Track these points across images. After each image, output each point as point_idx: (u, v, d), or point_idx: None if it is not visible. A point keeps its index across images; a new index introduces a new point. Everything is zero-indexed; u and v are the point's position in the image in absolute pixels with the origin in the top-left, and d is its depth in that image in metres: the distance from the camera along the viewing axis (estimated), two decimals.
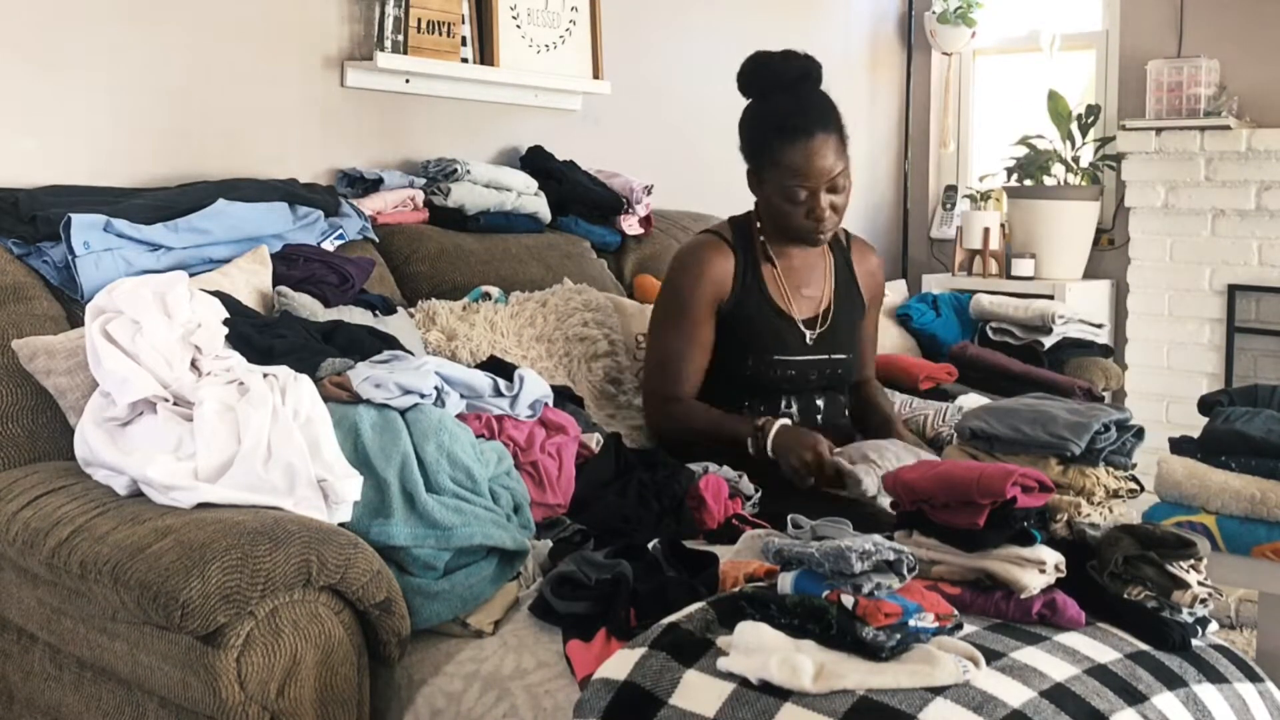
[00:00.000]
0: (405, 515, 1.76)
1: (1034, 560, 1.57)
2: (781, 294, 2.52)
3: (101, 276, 2.21)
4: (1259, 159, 4.11)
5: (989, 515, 1.58)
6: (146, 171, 2.68)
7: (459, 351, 2.56)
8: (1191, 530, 2.06)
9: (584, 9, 3.56)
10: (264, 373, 1.87)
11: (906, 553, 1.45)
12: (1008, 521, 1.58)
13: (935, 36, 4.73)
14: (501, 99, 3.38)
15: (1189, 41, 4.32)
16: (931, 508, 1.64)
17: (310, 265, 2.50)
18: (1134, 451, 1.93)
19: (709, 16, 4.04)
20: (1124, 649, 1.55)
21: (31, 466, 1.99)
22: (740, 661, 1.39)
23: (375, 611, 1.68)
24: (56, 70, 2.55)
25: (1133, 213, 4.40)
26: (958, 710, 1.33)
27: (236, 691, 1.58)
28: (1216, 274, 4.27)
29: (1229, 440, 2.26)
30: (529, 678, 1.62)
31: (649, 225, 3.51)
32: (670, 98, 3.93)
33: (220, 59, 2.81)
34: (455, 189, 3.03)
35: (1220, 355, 4.29)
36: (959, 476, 1.60)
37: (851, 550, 1.41)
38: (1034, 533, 1.60)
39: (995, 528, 1.58)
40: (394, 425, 1.85)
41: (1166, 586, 1.62)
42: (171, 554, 1.57)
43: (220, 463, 1.75)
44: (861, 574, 1.41)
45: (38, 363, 2.07)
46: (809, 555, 1.45)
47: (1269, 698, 1.61)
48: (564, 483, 2.07)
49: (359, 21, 3.06)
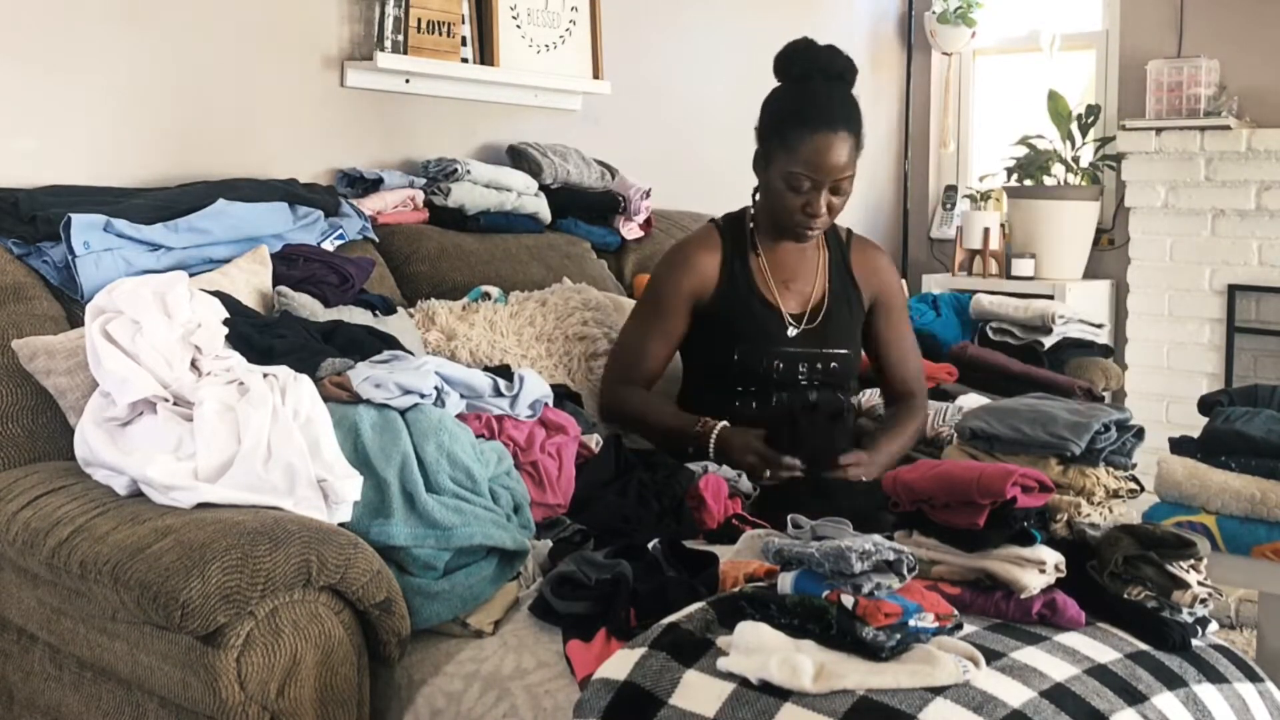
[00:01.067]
0: (405, 515, 1.76)
1: (1034, 560, 1.57)
2: (767, 285, 2.51)
3: (101, 276, 2.21)
4: (1259, 159, 4.11)
5: (989, 515, 1.58)
6: (146, 171, 2.68)
7: (459, 351, 2.56)
8: (1191, 530, 2.06)
9: (584, 9, 3.56)
10: (264, 373, 1.87)
11: (906, 553, 1.45)
12: (1008, 521, 1.58)
13: (935, 36, 4.73)
14: (501, 99, 3.38)
15: (1189, 41, 4.32)
16: (931, 508, 1.64)
17: (310, 265, 2.50)
18: (1134, 451, 1.93)
19: (709, 16, 4.04)
20: (1124, 649, 1.55)
21: (31, 466, 1.99)
22: (740, 661, 1.39)
23: (375, 611, 1.68)
24: (56, 70, 2.55)
25: (1133, 213, 4.40)
26: (958, 710, 1.33)
27: (236, 691, 1.58)
28: (1216, 274, 4.27)
29: (1229, 440, 2.26)
30: (529, 678, 1.62)
31: (649, 227, 3.51)
32: (670, 98, 3.93)
33: (220, 59, 2.81)
34: (455, 189, 3.03)
35: (1220, 355, 4.29)
36: (959, 476, 1.60)
37: (851, 550, 1.41)
38: (1034, 533, 1.60)
39: (995, 528, 1.58)
40: (394, 425, 1.85)
41: (1166, 586, 1.62)
42: (171, 554, 1.57)
43: (220, 463, 1.75)
44: (861, 574, 1.41)
45: (38, 363, 2.07)
46: (809, 555, 1.46)
47: (1269, 698, 1.61)
48: (564, 483, 2.07)
49: (359, 21, 3.06)
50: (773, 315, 2.49)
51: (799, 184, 2.38)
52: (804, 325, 2.50)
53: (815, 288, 2.54)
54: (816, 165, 2.36)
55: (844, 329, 2.55)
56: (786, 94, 2.46)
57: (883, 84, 4.85)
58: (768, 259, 2.52)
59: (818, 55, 2.46)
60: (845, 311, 2.56)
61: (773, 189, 2.44)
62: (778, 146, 2.41)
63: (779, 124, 2.42)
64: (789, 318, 2.50)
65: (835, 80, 2.45)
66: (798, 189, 2.39)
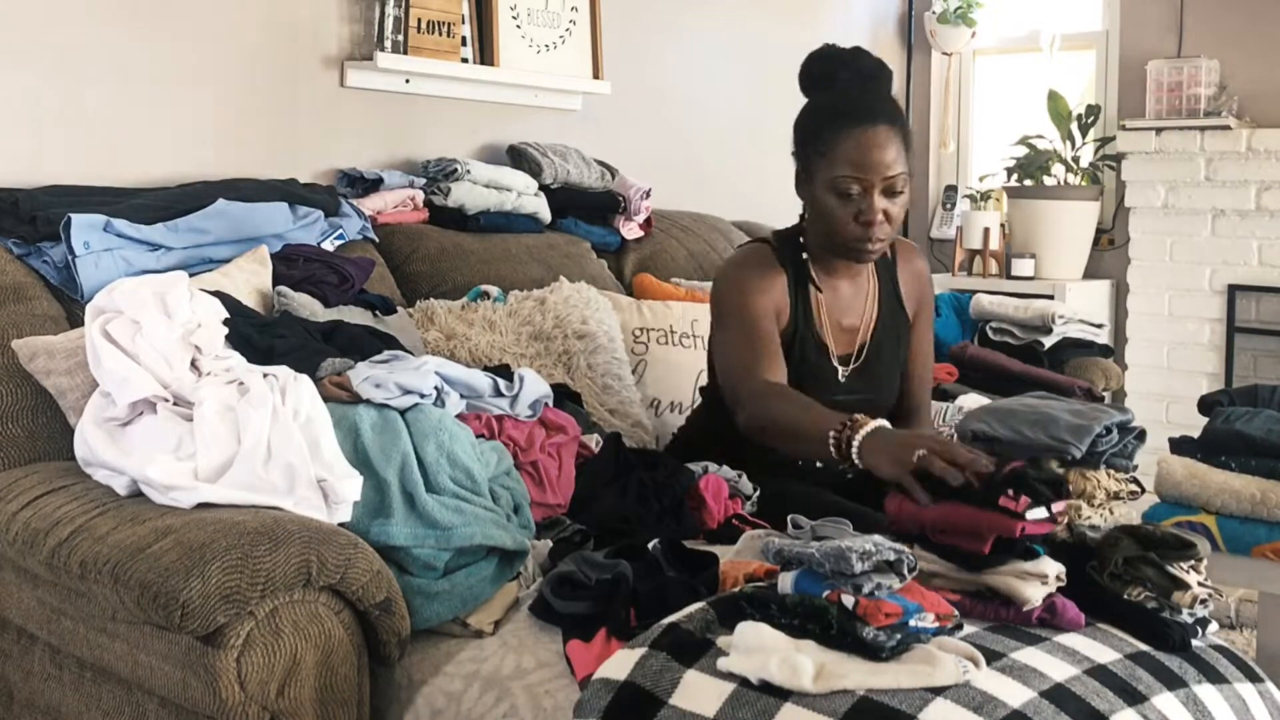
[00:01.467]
0: (405, 515, 1.76)
1: (1036, 574, 1.57)
2: (823, 324, 2.28)
3: (101, 276, 2.21)
4: (1259, 159, 4.11)
5: (994, 542, 1.57)
6: (146, 171, 2.68)
7: (458, 351, 2.56)
8: (1191, 530, 2.06)
9: (584, 9, 3.56)
10: (264, 373, 1.87)
11: (906, 552, 1.45)
12: (1012, 546, 1.58)
13: (935, 36, 4.73)
14: (501, 99, 3.38)
15: (1189, 41, 4.32)
16: (934, 533, 1.63)
17: (310, 265, 2.50)
18: (1135, 454, 1.93)
19: (709, 16, 4.04)
20: (1124, 649, 1.55)
21: (31, 466, 1.99)
22: (740, 661, 1.39)
23: (375, 611, 1.68)
24: (56, 70, 2.55)
25: (1133, 213, 4.40)
26: (958, 710, 1.33)
27: (236, 691, 1.58)
28: (1216, 274, 4.27)
29: (1229, 440, 2.26)
30: (529, 678, 1.62)
31: (649, 227, 3.51)
32: (670, 98, 3.93)
33: (220, 59, 2.81)
34: (455, 189, 3.03)
35: (1220, 355, 4.29)
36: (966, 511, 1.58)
37: (852, 550, 1.41)
38: (1037, 548, 1.59)
39: (1000, 551, 1.57)
40: (394, 425, 1.85)
41: (1166, 587, 1.62)
42: (171, 554, 1.57)
43: (220, 463, 1.75)
44: (862, 574, 1.41)
45: (38, 363, 2.07)
46: (809, 555, 1.45)
47: (1269, 698, 1.61)
48: (564, 483, 2.07)
49: (359, 21, 3.06)
50: (824, 360, 2.28)
51: (846, 189, 2.14)
52: (851, 365, 2.31)
53: (864, 324, 2.32)
54: (860, 163, 2.12)
55: (890, 367, 2.36)
56: (816, 103, 2.24)
57: None
58: (826, 295, 2.29)
59: (843, 56, 2.25)
60: (893, 346, 2.36)
61: (822, 206, 2.19)
62: (817, 155, 2.18)
63: (816, 131, 2.19)
64: (838, 362, 2.29)
65: (868, 80, 2.24)
66: (846, 195, 2.14)
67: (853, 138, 2.13)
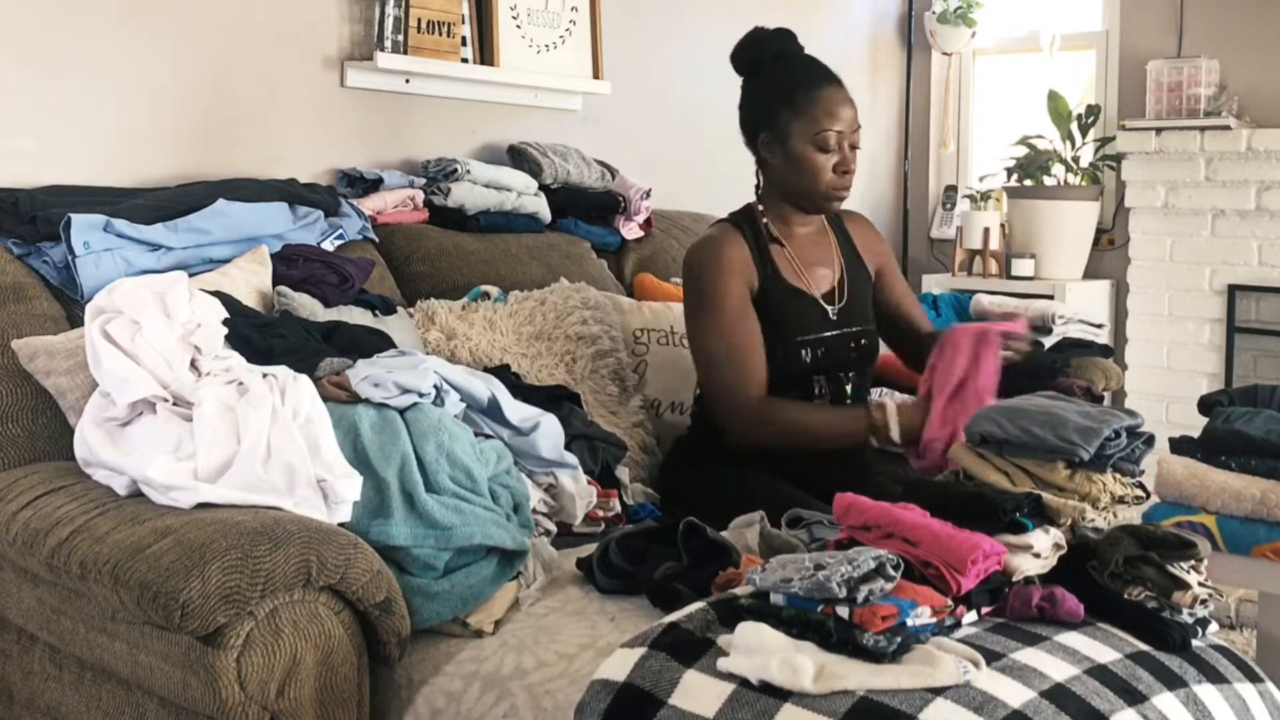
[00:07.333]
0: (405, 515, 1.76)
1: (1023, 545, 1.58)
2: (796, 273, 2.46)
3: (101, 276, 2.21)
4: (1259, 159, 4.11)
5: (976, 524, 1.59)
6: (146, 171, 2.68)
7: (458, 351, 2.56)
8: (1191, 530, 2.05)
9: (584, 9, 3.56)
10: (264, 373, 1.87)
11: (885, 554, 1.45)
12: (995, 523, 1.59)
13: (935, 36, 4.73)
14: (501, 99, 3.38)
15: (1189, 41, 4.32)
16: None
17: (310, 265, 2.50)
18: (1143, 459, 1.92)
19: (709, 16, 4.04)
20: (1124, 649, 1.55)
21: (31, 466, 1.99)
22: (740, 662, 1.38)
23: (375, 611, 1.68)
24: (57, 70, 2.55)
25: (1133, 213, 4.40)
26: (958, 711, 1.33)
27: (236, 691, 1.57)
28: (1216, 274, 4.27)
29: (1229, 440, 2.26)
30: (529, 678, 1.62)
31: (649, 227, 3.51)
32: (670, 98, 3.93)
33: (220, 59, 2.81)
34: (455, 189, 3.03)
35: (1220, 355, 4.29)
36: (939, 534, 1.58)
37: (830, 578, 1.40)
38: (1025, 522, 1.60)
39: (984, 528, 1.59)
40: (393, 425, 1.85)
41: (1167, 587, 1.62)
42: (171, 554, 1.57)
43: (220, 463, 1.75)
44: (848, 597, 1.41)
45: (38, 363, 2.07)
46: (791, 592, 1.44)
47: (1269, 698, 1.61)
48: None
49: (359, 21, 3.06)
50: (810, 303, 2.45)
51: (827, 143, 2.37)
52: (838, 304, 2.48)
53: (835, 268, 2.52)
54: (839, 116, 2.37)
55: (866, 304, 2.55)
56: (775, 74, 2.44)
57: (882, 84, 4.85)
58: (790, 247, 2.48)
59: (781, 36, 2.47)
60: (862, 287, 2.55)
61: (798, 160, 2.39)
62: (794, 116, 2.38)
63: (785, 96, 2.40)
64: (823, 301, 2.47)
65: (802, 52, 2.48)
66: (827, 148, 2.37)
67: (825, 95, 2.39)
